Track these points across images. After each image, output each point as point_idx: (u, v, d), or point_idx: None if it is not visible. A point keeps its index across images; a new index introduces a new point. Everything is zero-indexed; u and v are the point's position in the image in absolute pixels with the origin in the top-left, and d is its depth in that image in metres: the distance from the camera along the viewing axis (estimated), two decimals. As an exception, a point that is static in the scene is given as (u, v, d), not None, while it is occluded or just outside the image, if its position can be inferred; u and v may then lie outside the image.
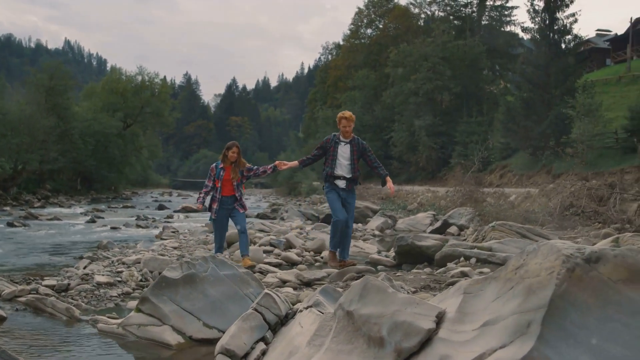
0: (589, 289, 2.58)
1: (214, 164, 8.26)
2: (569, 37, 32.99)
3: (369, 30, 63.84)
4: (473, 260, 8.02)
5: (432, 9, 56.76)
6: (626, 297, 2.58)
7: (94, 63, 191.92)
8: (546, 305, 2.52)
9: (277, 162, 8.03)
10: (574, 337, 2.47)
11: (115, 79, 58.37)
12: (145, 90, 57.62)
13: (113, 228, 17.06)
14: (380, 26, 62.23)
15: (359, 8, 64.22)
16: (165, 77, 65.92)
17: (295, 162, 7.91)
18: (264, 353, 4.15)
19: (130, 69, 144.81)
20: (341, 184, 7.41)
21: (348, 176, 7.42)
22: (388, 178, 7.49)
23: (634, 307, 2.55)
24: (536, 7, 33.05)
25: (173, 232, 14.97)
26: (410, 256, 9.19)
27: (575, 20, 32.53)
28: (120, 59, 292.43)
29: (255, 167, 8.30)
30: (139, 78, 58.21)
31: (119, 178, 54.38)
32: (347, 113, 7.54)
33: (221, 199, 7.96)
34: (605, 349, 2.45)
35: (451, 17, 51.39)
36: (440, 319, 3.09)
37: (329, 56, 77.78)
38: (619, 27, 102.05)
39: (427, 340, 2.98)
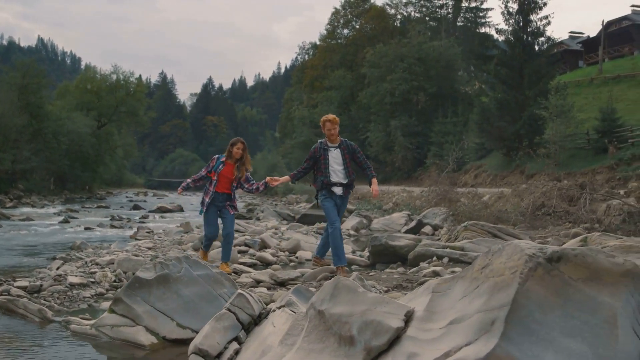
0: (551, 287, 2.67)
1: (216, 156, 7.93)
2: (543, 39, 33.51)
3: (345, 31, 64.03)
4: (445, 259, 8.13)
5: (408, 9, 57.32)
6: (586, 295, 2.67)
7: (68, 61, 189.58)
8: (509, 304, 2.60)
9: (267, 178, 7.69)
10: (536, 334, 2.55)
11: (89, 77, 57.95)
12: (120, 89, 57.24)
13: (87, 228, 16.91)
14: (357, 26, 62.44)
15: (335, 8, 64.40)
16: (140, 75, 65.55)
17: (287, 177, 7.57)
18: (237, 353, 4.18)
19: (104, 68, 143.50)
20: (338, 190, 7.18)
21: (344, 182, 7.19)
22: (374, 180, 7.38)
23: (594, 305, 2.65)
24: (510, 10, 33.54)
25: (148, 232, 14.90)
26: (384, 256, 9.27)
27: (549, 23, 33.07)
28: (95, 58, 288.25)
29: (253, 181, 7.93)
30: (114, 77, 57.89)
31: (93, 178, 53.93)
32: (331, 116, 7.28)
33: (214, 194, 7.66)
34: (566, 346, 2.53)
35: (427, 18, 51.90)
36: (409, 317, 3.16)
37: (306, 56, 77.84)
38: (592, 30, 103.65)
39: (396, 338, 3.04)
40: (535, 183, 15.21)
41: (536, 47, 33.52)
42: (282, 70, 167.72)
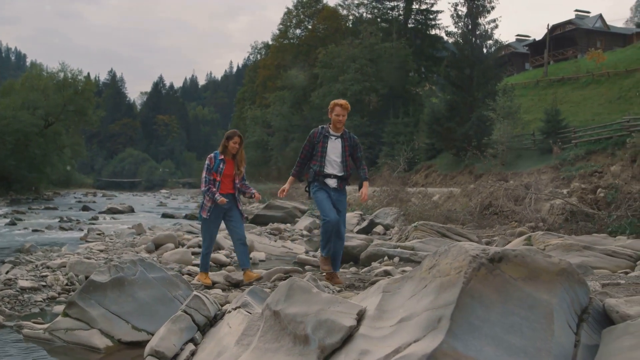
0: (493, 286, 2.85)
1: (212, 154, 7.00)
2: (490, 42, 34.39)
3: (298, 31, 64.18)
4: (396, 259, 8.33)
5: (360, 11, 57.71)
6: (525, 293, 2.86)
7: (13, 58, 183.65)
8: (455, 302, 2.76)
9: (279, 192, 6.85)
10: (479, 330, 2.72)
11: (35, 75, 56.47)
12: (67, 88, 55.82)
13: (35, 231, 16.56)
14: (309, 27, 62.65)
15: (288, 8, 64.53)
16: (88, 73, 64.37)
17: (291, 179, 6.82)
18: (193, 354, 4.25)
19: (51, 65, 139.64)
20: (332, 183, 6.52)
21: (340, 174, 6.55)
22: (366, 183, 6.74)
23: (532, 302, 2.84)
24: (459, 13, 34.25)
25: (99, 234, 14.70)
26: (337, 256, 9.40)
27: (496, 26, 34.04)
28: (41, 54, 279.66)
29: (246, 182, 7.15)
30: (61, 74, 56.44)
31: (40, 178, 52.55)
32: (342, 100, 6.65)
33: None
34: (506, 340, 2.71)
35: (378, 19, 52.30)
36: (361, 316, 3.31)
37: (258, 56, 77.69)
38: (538, 33, 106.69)
39: (349, 336, 3.18)
40: (483, 183, 15.64)
41: (484, 50, 34.35)
42: (235, 69, 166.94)
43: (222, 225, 7.18)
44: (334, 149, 6.54)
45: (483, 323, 2.75)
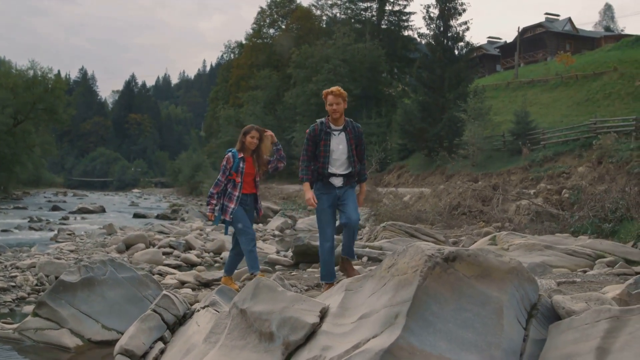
0: (447, 284, 3.01)
1: (230, 153, 6.22)
2: (462, 44, 34.69)
3: (271, 30, 64.17)
4: (365, 258, 8.49)
5: (334, 11, 57.86)
6: (477, 291, 3.02)
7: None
8: (411, 299, 2.91)
9: (309, 202, 5.57)
10: (434, 325, 2.88)
11: (4, 72, 55.50)
12: (37, 86, 54.99)
13: (4, 231, 16.40)
14: (283, 27, 62.66)
15: (261, 8, 64.42)
16: (59, 71, 63.46)
17: (307, 184, 5.65)
18: (162, 352, 4.34)
19: (21, 63, 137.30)
20: (337, 182, 5.65)
21: (346, 172, 5.66)
22: (364, 186, 6.03)
23: (483, 299, 3.00)
24: (431, 15, 34.51)
25: (69, 234, 14.62)
26: (306, 256, 9.53)
27: (468, 28, 34.29)
28: (10, 52, 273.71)
29: (272, 159, 6.42)
30: (31, 72, 55.58)
31: (9, 177, 51.79)
32: (334, 87, 5.75)
33: (241, 198, 6.14)
34: (459, 335, 2.87)
35: (352, 20, 52.52)
36: (324, 314, 3.45)
37: (232, 55, 77.45)
38: (509, 35, 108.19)
39: (312, 333, 3.33)
40: (452, 184, 15.90)
41: (456, 52, 34.68)
42: (208, 68, 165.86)
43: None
44: (339, 146, 5.67)
45: (437, 319, 2.90)
